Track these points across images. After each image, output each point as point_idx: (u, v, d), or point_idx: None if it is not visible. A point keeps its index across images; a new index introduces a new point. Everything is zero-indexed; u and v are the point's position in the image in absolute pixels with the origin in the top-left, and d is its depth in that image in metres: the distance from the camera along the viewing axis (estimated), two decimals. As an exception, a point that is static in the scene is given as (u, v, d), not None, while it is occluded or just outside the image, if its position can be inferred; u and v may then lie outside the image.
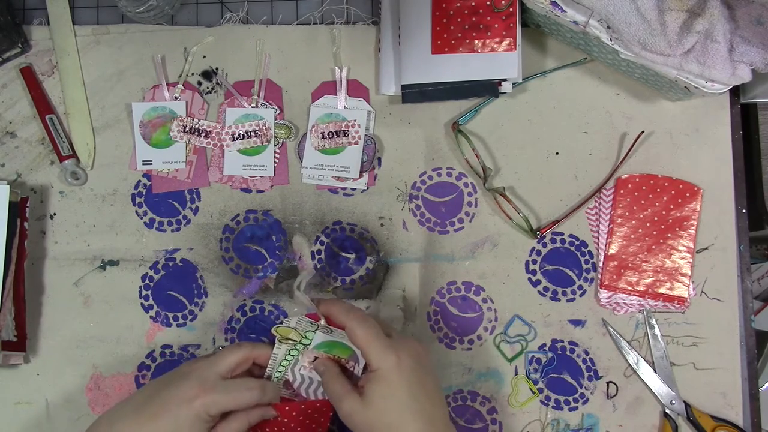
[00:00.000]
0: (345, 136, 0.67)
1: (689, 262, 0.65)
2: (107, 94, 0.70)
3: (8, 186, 0.64)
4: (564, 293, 0.66)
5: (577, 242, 0.66)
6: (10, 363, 0.66)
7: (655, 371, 0.64)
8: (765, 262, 0.85)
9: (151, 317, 0.67)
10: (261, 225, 0.68)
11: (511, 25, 0.64)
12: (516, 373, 0.65)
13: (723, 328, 0.65)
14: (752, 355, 0.64)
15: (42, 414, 0.67)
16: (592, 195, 0.66)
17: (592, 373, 0.65)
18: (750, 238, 0.66)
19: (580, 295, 0.66)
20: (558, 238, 0.67)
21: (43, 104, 0.69)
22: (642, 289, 0.65)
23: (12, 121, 0.70)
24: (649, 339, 0.65)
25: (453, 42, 0.64)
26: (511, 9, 0.64)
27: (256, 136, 0.68)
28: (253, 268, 0.67)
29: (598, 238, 0.66)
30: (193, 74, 0.70)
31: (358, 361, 0.56)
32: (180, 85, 0.69)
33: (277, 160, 0.68)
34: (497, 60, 0.64)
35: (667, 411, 0.64)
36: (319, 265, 0.67)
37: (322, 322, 0.57)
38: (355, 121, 0.67)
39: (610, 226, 0.66)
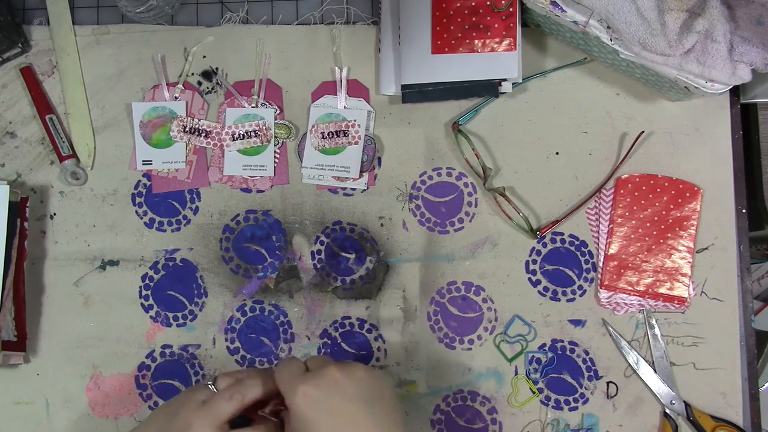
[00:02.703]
0: (345, 136, 0.67)
1: (689, 262, 0.65)
2: (107, 94, 0.70)
3: (8, 186, 0.64)
4: (564, 293, 0.66)
5: (577, 242, 0.66)
6: (10, 363, 0.66)
7: (655, 371, 0.64)
8: (765, 262, 0.85)
9: (151, 317, 0.67)
10: (261, 225, 0.68)
11: (511, 25, 0.64)
12: (516, 373, 0.65)
13: (723, 328, 0.65)
14: (752, 355, 0.64)
15: (42, 414, 0.67)
16: (592, 195, 0.66)
17: (592, 373, 0.65)
18: (750, 238, 0.66)
19: (580, 295, 0.66)
20: (558, 238, 0.67)
21: (43, 104, 0.69)
22: (642, 289, 0.65)
23: (12, 121, 0.70)
24: (649, 339, 0.65)
25: (453, 42, 0.64)
26: (511, 9, 0.64)
27: (256, 136, 0.68)
28: (253, 268, 0.67)
29: (598, 238, 0.66)
30: (193, 74, 0.70)
31: None
32: (180, 85, 0.69)
33: (277, 160, 0.68)
34: (497, 60, 0.64)
35: (667, 411, 0.64)
36: (319, 265, 0.67)
37: None
38: (355, 121, 0.67)
39: (610, 226, 0.66)
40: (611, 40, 0.59)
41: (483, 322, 0.66)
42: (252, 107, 0.68)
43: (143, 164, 0.69)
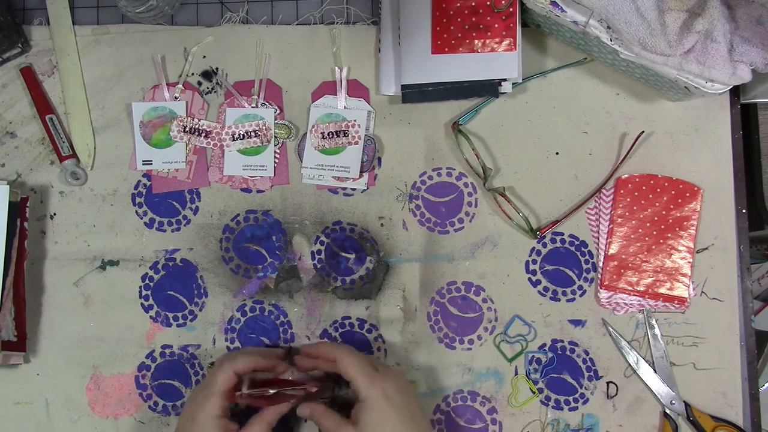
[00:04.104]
0: (345, 136, 0.67)
1: (689, 262, 0.65)
2: (107, 94, 0.70)
3: (8, 186, 0.64)
4: (564, 293, 0.66)
5: (577, 242, 0.66)
6: (10, 363, 0.66)
7: (655, 371, 0.64)
8: (765, 262, 0.85)
9: (151, 317, 0.67)
10: (261, 225, 0.68)
11: (511, 25, 0.64)
12: (516, 373, 0.65)
13: (723, 328, 0.65)
14: (752, 355, 0.64)
15: (42, 414, 0.67)
16: (592, 195, 0.66)
17: (592, 373, 0.65)
18: (750, 238, 0.66)
19: (580, 295, 0.66)
20: (558, 238, 0.67)
21: (43, 104, 0.69)
22: (642, 289, 0.65)
23: (12, 121, 0.70)
24: (649, 339, 0.65)
25: (453, 42, 0.64)
26: (511, 9, 0.64)
27: (256, 136, 0.68)
28: (253, 268, 0.67)
29: (598, 238, 0.66)
30: (193, 74, 0.70)
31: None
32: (180, 85, 0.69)
33: (277, 160, 0.68)
34: (497, 60, 0.64)
35: (667, 411, 0.64)
36: (319, 265, 0.67)
37: None
38: (355, 121, 0.67)
39: (610, 226, 0.66)
40: (611, 40, 0.59)
41: (483, 322, 0.66)
42: (252, 107, 0.68)
43: (143, 164, 0.69)
